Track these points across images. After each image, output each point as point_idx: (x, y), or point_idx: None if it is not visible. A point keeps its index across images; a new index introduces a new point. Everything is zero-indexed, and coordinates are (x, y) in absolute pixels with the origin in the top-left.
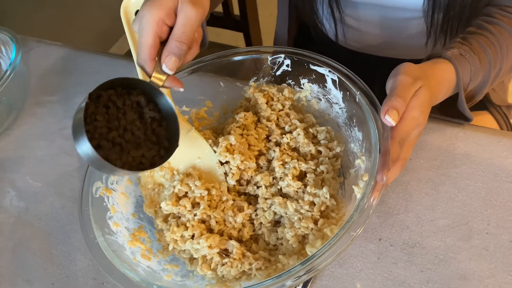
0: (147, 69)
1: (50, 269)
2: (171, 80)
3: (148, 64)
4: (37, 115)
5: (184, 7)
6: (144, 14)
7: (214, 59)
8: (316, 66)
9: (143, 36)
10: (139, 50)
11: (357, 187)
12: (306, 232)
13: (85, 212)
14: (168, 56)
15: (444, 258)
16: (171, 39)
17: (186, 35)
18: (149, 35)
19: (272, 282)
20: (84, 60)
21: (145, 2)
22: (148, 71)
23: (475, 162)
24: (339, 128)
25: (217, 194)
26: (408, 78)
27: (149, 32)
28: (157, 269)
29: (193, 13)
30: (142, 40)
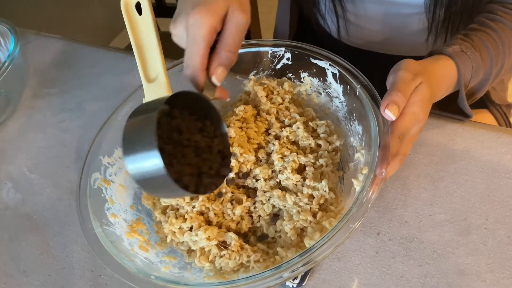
0: (199, 81)
1: (46, 261)
2: (219, 91)
3: (200, 76)
4: (35, 107)
5: (235, 15)
6: (195, 22)
7: None
8: (316, 59)
9: (195, 46)
10: (190, 61)
11: (356, 180)
12: (304, 225)
13: (83, 202)
14: (218, 67)
15: (442, 253)
16: (222, 49)
17: (236, 45)
18: (202, 45)
19: (269, 273)
20: (83, 53)
21: (194, 8)
22: (201, 83)
23: (474, 157)
24: (339, 122)
25: None
26: (409, 73)
27: (202, 42)
28: (155, 260)
29: (243, 21)
30: (194, 50)
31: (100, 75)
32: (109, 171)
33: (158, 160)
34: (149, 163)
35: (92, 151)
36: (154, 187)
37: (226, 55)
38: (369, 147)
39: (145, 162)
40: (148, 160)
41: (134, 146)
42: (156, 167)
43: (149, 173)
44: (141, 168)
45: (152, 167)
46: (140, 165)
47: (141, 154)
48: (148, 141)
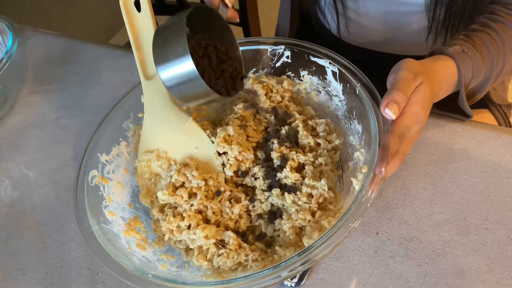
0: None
1: (43, 259)
2: (231, 12)
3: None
4: (33, 104)
5: None
6: None
7: None
8: (316, 57)
9: None
10: None
11: (355, 179)
12: (303, 224)
13: (80, 200)
14: None
15: (441, 253)
16: None
17: None
18: None
19: (268, 272)
20: (82, 50)
21: None
22: (216, 2)
23: (473, 157)
24: (339, 120)
25: (214, 184)
26: (409, 73)
27: None
28: (152, 259)
29: None
30: None
31: (99, 72)
32: (107, 169)
33: (191, 64)
34: (182, 68)
35: (89, 149)
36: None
37: None
38: (369, 146)
39: (178, 67)
40: (181, 65)
41: (167, 54)
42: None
43: (181, 76)
44: (174, 73)
45: (185, 70)
46: (173, 71)
47: (174, 61)
48: (181, 47)
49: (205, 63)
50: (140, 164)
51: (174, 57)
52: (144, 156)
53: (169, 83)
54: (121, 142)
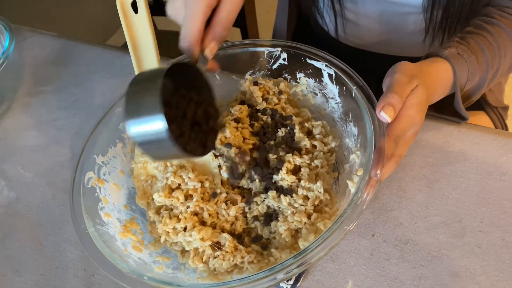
0: (195, 53)
1: (39, 260)
2: (211, 64)
3: (195, 48)
4: (30, 105)
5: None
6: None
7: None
8: (312, 60)
9: (193, 20)
10: (187, 33)
11: (351, 182)
12: (299, 226)
13: (76, 202)
14: (211, 41)
15: (437, 255)
16: (217, 24)
17: (230, 22)
18: (200, 19)
19: (263, 275)
20: (79, 51)
21: None
22: (196, 55)
23: (469, 160)
24: (335, 123)
25: (211, 186)
26: (405, 76)
27: (200, 16)
28: (148, 261)
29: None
30: (192, 23)
31: (96, 73)
32: (103, 170)
33: (162, 122)
34: (152, 126)
35: (86, 150)
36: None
37: (220, 30)
38: (365, 149)
39: (148, 124)
40: (152, 123)
41: (138, 109)
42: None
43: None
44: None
45: (155, 129)
46: (144, 128)
47: (145, 118)
48: (152, 104)
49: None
50: (137, 166)
51: (146, 114)
52: (141, 157)
53: (138, 139)
54: (117, 144)
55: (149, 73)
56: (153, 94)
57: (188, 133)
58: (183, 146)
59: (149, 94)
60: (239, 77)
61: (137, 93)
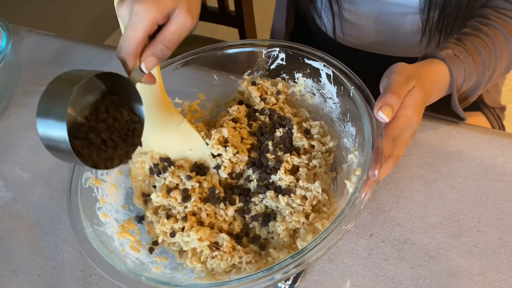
0: (129, 64)
1: (36, 261)
2: (147, 77)
3: (130, 60)
4: (27, 105)
5: (181, 15)
6: (139, 10)
7: (208, 52)
8: (311, 60)
9: (133, 32)
10: (124, 44)
11: (349, 182)
12: (297, 226)
13: (73, 202)
14: (150, 57)
15: (435, 255)
16: (158, 42)
17: (174, 42)
18: (140, 33)
19: (261, 275)
20: (76, 50)
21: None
22: (129, 67)
23: (467, 160)
24: (333, 123)
25: (209, 187)
26: (402, 77)
27: (140, 30)
28: (146, 261)
29: (187, 23)
30: (131, 36)
31: None
32: (101, 170)
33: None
34: (57, 133)
35: None
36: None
37: (161, 48)
38: (363, 149)
39: (54, 131)
40: (57, 131)
41: (47, 111)
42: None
43: (55, 141)
44: (50, 135)
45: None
46: (49, 132)
47: (51, 122)
48: (60, 112)
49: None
50: (134, 166)
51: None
52: (138, 158)
53: (44, 142)
54: None
55: (73, 75)
56: (63, 102)
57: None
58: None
59: (60, 100)
60: (237, 77)
61: (52, 94)
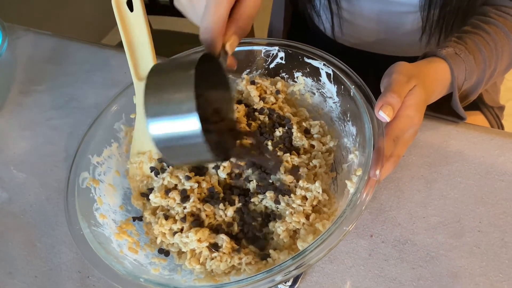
0: (217, 46)
1: (33, 262)
2: (230, 60)
3: (219, 41)
4: (23, 104)
5: None
6: None
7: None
8: (310, 59)
9: (219, 9)
10: (210, 24)
11: (350, 182)
12: (297, 227)
13: (70, 202)
14: (233, 34)
15: (436, 256)
16: (240, 18)
17: (252, 17)
18: (225, 8)
19: (262, 276)
20: (73, 49)
21: None
22: (218, 48)
23: (467, 160)
24: (333, 122)
25: (208, 187)
26: (403, 76)
27: (225, 5)
28: (144, 262)
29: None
30: (217, 12)
31: (90, 72)
32: (98, 171)
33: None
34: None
35: (80, 150)
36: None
37: (242, 24)
38: (363, 149)
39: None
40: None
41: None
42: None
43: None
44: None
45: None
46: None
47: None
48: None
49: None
50: (132, 166)
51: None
52: (136, 158)
53: (162, 144)
54: (112, 144)
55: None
56: (186, 91)
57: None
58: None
59: (181, 90)
60: (235, 76)
61: (163, 88)
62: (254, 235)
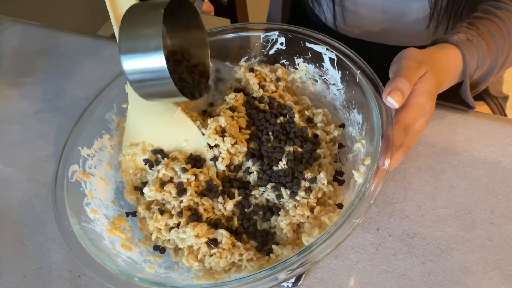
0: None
1: (21, 261)
2: (206, 5)
3: None
4: (11, 97)
5: None
6: None
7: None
8: (312, 44)
9: None
10: None
11: (357, 172)
12: (301, 221)
13: (59, 197)
14: None
15: (446, 249)
16: None
17: None
18: None
19: (264, 274)
20: (62, 40)
21: None
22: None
23: (476, 149)
24: (336, 111)
25: (205, 180)
26: (413, 62)
27: None
28: (139, 260)
29: None
30: None
31: (80, 63)
32: (89, 163)
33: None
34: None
35: (70, 142)
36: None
37: None
38: (371, 137)
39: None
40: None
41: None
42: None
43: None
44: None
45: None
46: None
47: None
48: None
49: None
50: (125, 158)
51: (144, 50)
52: (129, 149)
53: (133, 77)
54: (103, 135)
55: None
56: (154, 27)
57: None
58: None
59: (150, 26)
60: (233, 64)
61: (134, 25)
62: (255, 229)
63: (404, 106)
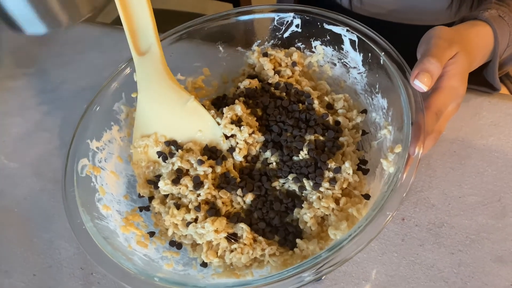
0: None
1: (30, 259)
2: None
3: None
4: (12, 89)
5: None
6: None
7: (211, 20)
8: (331, 25)
9: None
10: None
11: (386, 161)
12: (326, 213)
13: (69, 193)
14: None
15: (476, 239)
16: None
17: None
18: None
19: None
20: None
21: None
22: None
23: (503, 132)
24: (357, 96)
25: (222, 171)
26: (443, 41)
27: None
28: (155, 257)
29: None
30: None
31: (82, 52)
32: (98, 157)
33: None
34: None
35: (77, 135)
36: None
37: None
38: (398, 123)
39: None
40: None
41: None
42: None
43: None
44: None
45: None
46: None
47: None
48: None
49: None
50: (136, 151)
51: None
52: (140, 141)
53: None
54: (112, 127)
55: None
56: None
57: None
58: None
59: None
60: (245, 49)
61: None
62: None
63: (435, 90)
